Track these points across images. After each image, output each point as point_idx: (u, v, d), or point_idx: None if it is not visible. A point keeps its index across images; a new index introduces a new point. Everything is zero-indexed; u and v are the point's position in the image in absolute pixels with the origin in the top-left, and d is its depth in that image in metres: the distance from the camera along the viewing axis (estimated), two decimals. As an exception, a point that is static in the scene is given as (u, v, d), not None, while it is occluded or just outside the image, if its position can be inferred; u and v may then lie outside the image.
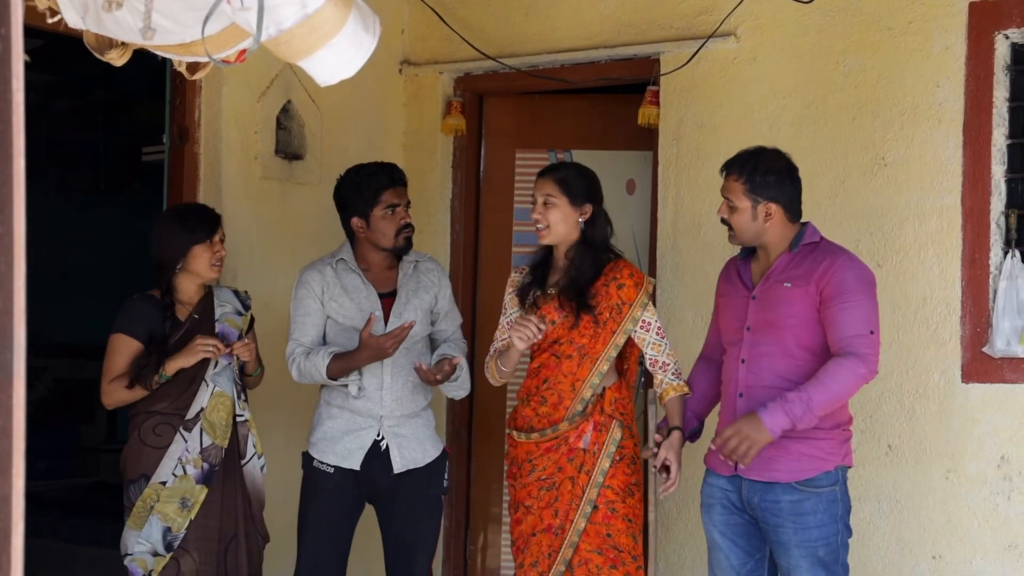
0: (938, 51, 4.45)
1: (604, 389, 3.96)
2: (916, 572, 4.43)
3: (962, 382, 4.38)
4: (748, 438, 3.52)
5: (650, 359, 3.95)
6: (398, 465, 4.15)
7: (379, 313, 4.14)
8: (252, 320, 4.28)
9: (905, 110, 4.51)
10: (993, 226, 4.36)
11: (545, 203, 3.93)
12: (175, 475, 3.96)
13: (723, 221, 3.78)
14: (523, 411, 4.01)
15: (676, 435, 3.87)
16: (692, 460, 4.20)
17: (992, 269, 4.36)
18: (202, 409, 4.01)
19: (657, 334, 3.95)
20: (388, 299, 4.19)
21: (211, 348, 3.94)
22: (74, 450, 8.13)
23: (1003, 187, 4.38)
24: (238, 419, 4.08)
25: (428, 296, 4.25)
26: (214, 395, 4.02)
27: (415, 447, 4.19)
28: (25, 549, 1.28)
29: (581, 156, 5.44)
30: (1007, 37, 4.37)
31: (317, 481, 4.16)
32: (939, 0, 4.45)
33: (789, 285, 3.66)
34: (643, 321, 3.93)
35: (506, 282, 4.26)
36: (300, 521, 4.22)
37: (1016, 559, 4.28)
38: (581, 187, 3.96)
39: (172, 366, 3.96)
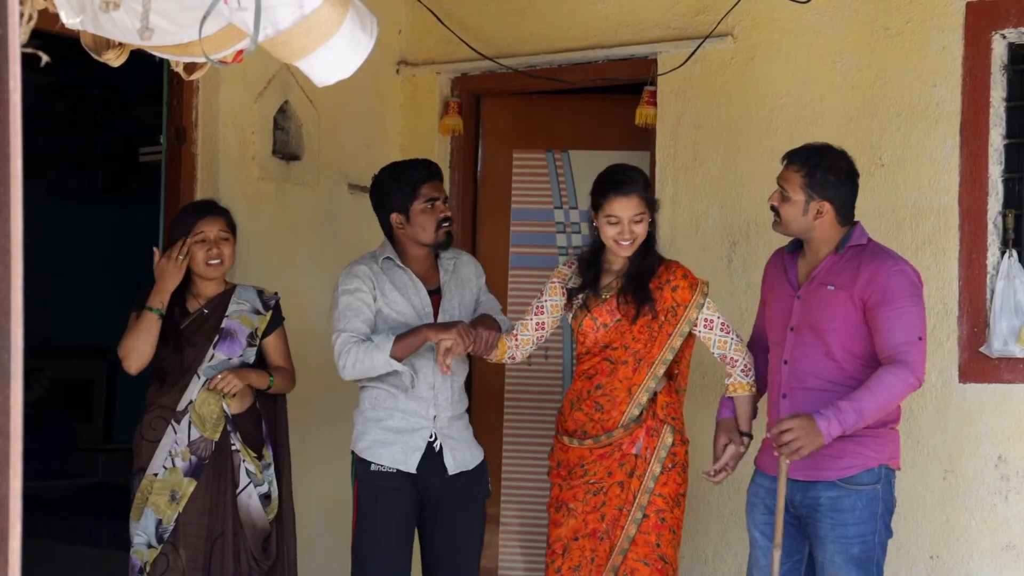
0: (935, 51, 4.47)
1: (655, 393, 3.92)
2: (913, 572, 4.43)
3: (959, 382, 4.39)
4: (805, 437, 3.47)
5: (719, 356, 3.94)
6: (452, 467, 4.10)
7: (429, 309, 4.12)
8: (278, 322, 4.24)
9: (902, 110, 4.53)
10: (990, 226, 4.38)
11: (636, 220, 3.84)
12: (165, 467, 3.99)
13: (772, 208, 3.76)
14: (575, 415, 3.96)
15: (744, 443, 3.91)
16: (691, 462, 4.20)
17: (989, 269, 4.37)
18: (191, 401, 4.01)
19: (722, 330, 3.90)
20: (435, 296, 4.17)
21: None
22: (71, 451, 8.09)
23: (1000, 187, 4.40)
24: (232, 448, 4.05)
25: (470, 294, 4.24)
26: (205, 388, 4.02)
27: (464, 449, 4.16)
28: (23, 549, 1.28)
29: (578, 156, 5.47)
30: (1004, 37, 4.38)
31: (379, 482, 4.06)
32: (936, 0, 4.46)
33: (832, 288, 3.65)
34: (705, 320, 3.89)
35: (504, 282, 4.25)
36: (361, 529, 4.09)
37: (1014, 559, 4.29)
38: (651, 194, 3.98)
39: (158, 295, 4.00)
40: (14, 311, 1.27)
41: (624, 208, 3.83)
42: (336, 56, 2.21)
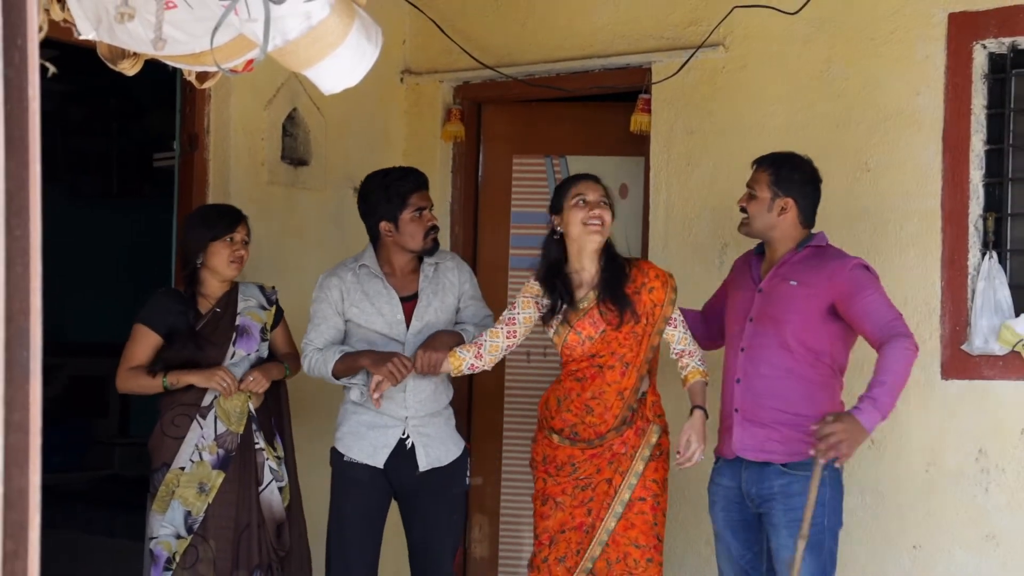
0: (919, 60, 4.51)
1: (644, 393, 4.00)
2: (897, 562, 4.49)
3: (942, 379, 4.44)
4: (849, 436, 3.56)
5: (677, 351, 4.02)
6: (423, 463, 4.16)
7: (400, 316, 4.18)
8: (280, 314, 4.36)
9: (888, 117, 4.57)
10: (971, 229, 4.42)
11: (602, 204, 3.95)
12: (192, 461, 4.07)
13: (741, 210, 3.98)
14: (563, 415, 3.99)
15: (698, 414, 3.96)
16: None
17: (971, 270, 4.41)
18: (216, 396, 4.10)
19: (683, 327, 4.02)
20: (410, 302, 4.22)
21: (226, 385, 4.06)
22: (88, 444, 8.18)
23: (981, 191, 4.44)
24: (255, 446, 4.16)
25: (450, 298, 4.27)
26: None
27: (439, 446, 4.21)
28: (42, 539, 1.30)
29: (575, 161, 5.50)
30: (985, 47, 4.43)
31: (350, 474, 4.16)
32: (920, 11, 4.51)
33: (794, 283, 3.85)
34: (671, 319, 4.00)
35: (504, 283, 4.32)
36: (333, 517, 4.21)
37: (993, 549, 4.34)
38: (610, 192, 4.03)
39: (184, 379, 4.08)
40: (33, 310, 1.26)
41: (590, 189, 3.95)
42: (342, 65, 2.27)
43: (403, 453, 4.17)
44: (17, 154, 1.26)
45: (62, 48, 2.83)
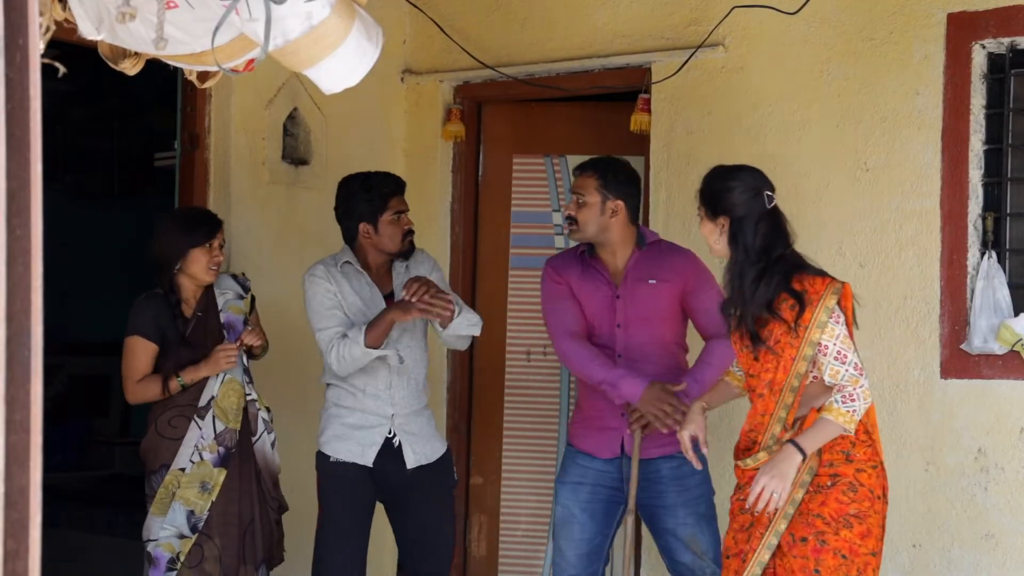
0: (918, 60, 4.54)
1: (811, 411, 3.43)
2: (896, 560, 4.51)
3: (941, 378, 4.48)
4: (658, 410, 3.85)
5: (829, 385, 3.37)
6: (411, 461, 4.21)
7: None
8: (253, 300, 4.35)
9: (886, 117, 4.60)
10: (971, 228, 4.45)
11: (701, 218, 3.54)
12: (192, 461, 4.08)
13: (568, 217, 4.06)
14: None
15: (787, 449, 3.36)
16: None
17: (970, 270, 4.44)
18: (213, 397, 4.12)
19: (836, 359, 3.32)
20: (388, 300, 4.27)
21: (232, 357, 4.09)
22: (89, 444, 8.20)
23: (980, 191, 4.48)
24: (248, 398, 4.18)
25: None
26: (224, 383, 4.14)
27: (424, 443, 4.26)
28: (43, 538, 1.30)
29: (576, 161, 5.47)
30: (984, 47, 4.46)
31: (337, 473, 4.19)
32: (919, 11, 4.54)
33: (654, 282, 3.99)
34: (820, 345, 3.33)
35: (504, 282, 4.35)
36: (323, 519, 4.22)
37: (992, 548, 4.37)
38: (713, 198, 3.48)
39: (197, 375, 4.10)
40: (34, 310, 1.27)
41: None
42: (343, 65, 2.26)
43: (391, 452, 4.21)
44: (18, 153, 1.26)
45: (63, 47, 2.83)
